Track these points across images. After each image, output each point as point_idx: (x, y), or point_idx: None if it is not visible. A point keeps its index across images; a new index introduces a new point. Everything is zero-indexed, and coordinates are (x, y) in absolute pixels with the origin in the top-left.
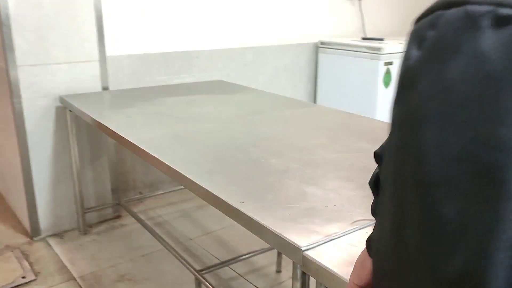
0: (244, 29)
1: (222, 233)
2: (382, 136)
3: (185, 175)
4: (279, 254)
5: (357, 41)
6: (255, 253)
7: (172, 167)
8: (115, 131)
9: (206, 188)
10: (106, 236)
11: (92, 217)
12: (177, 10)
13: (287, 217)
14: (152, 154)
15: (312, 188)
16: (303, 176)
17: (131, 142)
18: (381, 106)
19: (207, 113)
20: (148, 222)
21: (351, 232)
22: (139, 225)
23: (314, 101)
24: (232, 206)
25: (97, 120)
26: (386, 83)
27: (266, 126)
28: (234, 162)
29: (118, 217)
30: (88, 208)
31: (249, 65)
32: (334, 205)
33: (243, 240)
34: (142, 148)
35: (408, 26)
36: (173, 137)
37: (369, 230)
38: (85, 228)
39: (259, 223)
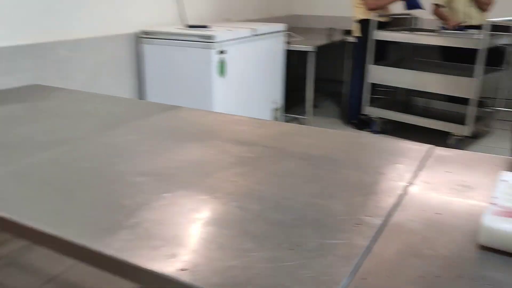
0: (53, 19)
1: (70, 276)
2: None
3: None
4: None
5: (183, 29)
6: None
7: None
8: None
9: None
10: None
11: None
12: None
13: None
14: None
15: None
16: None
17: None
18: (217, 96)
19: (43, 132)
20: None
21: None
22: None
23: (143, 97)
24: None
25: None
26: (221, 73)
27: (140, 143)
28: (132, 204)
29: None
30: None
31: (63, 63)
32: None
33: (98, 279)
34: None
35: (226, 11)
36: (13, 177)
37: None
38: None
39: None
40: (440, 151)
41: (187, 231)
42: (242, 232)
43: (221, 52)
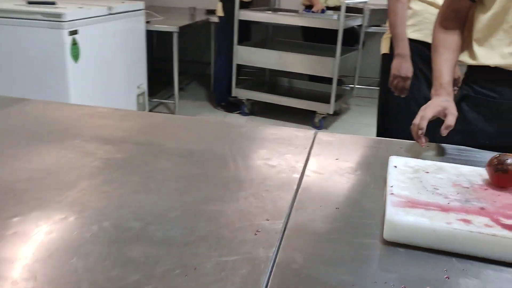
0: None
1: None
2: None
3: None
4: None
5: (22, 5)
6: None
7: None
8: None
9: None
10: None
11: None
12: None
13: None
14: None
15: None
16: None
17: None
18: (74, 84)
19: None
20: None
21: None
22: None
23: None
24: None
25: None
26: (75, 56)
27: None
28: None
29: None
30: None
31: None
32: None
33: None
34: None
35: None
36: None
37: None
38: None
39: None
40: (323, 136)
41: (46, 269)
42: (121, 260)
43: (73, 32)
